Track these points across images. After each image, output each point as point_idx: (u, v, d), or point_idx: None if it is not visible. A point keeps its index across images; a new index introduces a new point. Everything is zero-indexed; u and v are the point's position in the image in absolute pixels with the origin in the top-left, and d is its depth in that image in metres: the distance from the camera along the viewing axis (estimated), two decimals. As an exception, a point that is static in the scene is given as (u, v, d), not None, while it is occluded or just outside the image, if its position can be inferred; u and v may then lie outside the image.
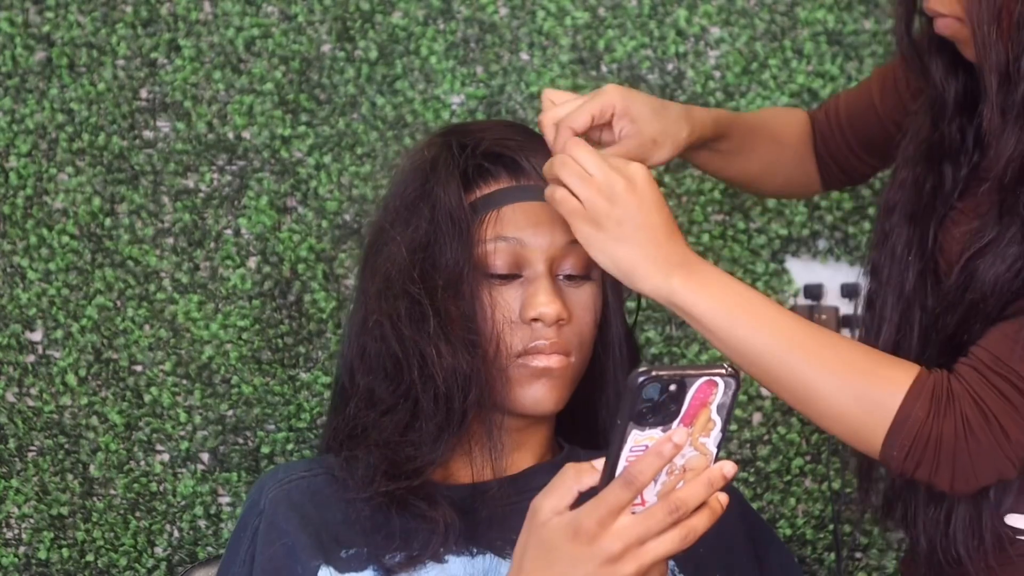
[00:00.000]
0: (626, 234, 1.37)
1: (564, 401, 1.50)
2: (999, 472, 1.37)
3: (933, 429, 1.33)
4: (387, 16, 2.05)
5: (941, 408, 1.34)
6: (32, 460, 1.97)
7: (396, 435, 1.47)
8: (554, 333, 1.46)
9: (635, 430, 1.19)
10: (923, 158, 1.51)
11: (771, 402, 2.03)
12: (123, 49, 2.02)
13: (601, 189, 1.37)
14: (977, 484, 1.38)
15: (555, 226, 1.48)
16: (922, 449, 1.34)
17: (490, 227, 1.47)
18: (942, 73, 1.49)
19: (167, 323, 1.99)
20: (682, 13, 2.06)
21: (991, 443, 1.34)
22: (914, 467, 1.35)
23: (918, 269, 1.50)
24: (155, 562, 1.97)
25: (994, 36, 1.34)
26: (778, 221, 2.05)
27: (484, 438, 1.49)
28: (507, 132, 1.54)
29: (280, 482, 1.52)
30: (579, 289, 1.50)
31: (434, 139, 1.55)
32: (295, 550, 1.45)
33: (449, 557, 1.44)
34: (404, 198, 1.51)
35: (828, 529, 2.01)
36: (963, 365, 1.37)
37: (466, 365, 1.44)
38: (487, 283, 1.47)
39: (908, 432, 1.34)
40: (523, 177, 1.50)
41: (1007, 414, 1.34)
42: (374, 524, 1.46)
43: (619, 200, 1.37)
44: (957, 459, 1.34)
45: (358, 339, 1.52)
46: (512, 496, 1.49)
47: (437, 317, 1.45)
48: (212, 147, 2.02)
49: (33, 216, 1.99)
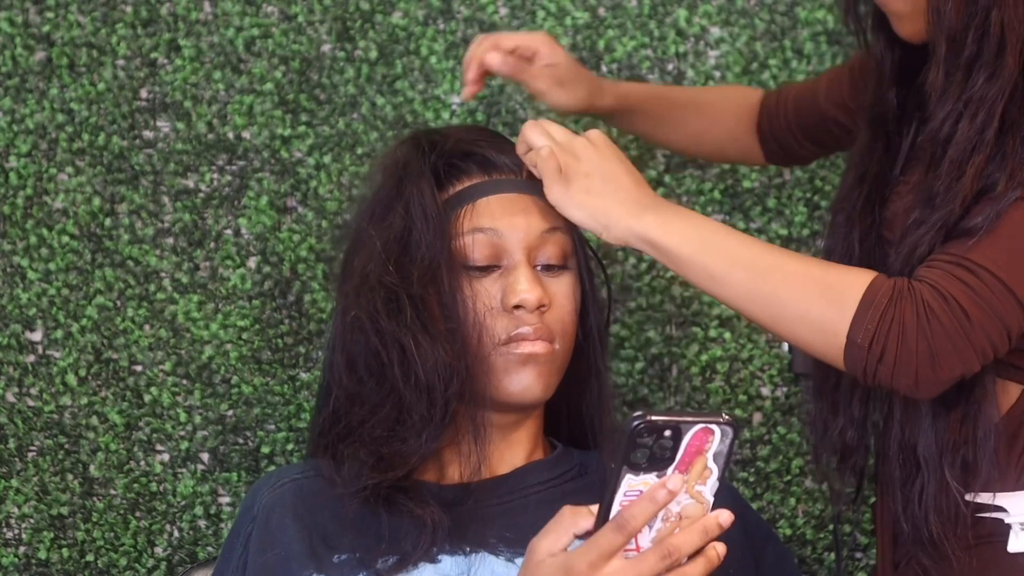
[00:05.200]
0: (595, 185, 1.47)
1: (552, 389, 1.51)
2: (963, 361, 1.39)
3: (896, 313, 1.37)
4: (387, 16, 2.05)
5: (903, 294, 1.38)
6: (32, 460, 1.97)
7: (383, 431, 1.48)
8: (537, 319, 1.49)
9: (629, 474, 1.19)
10: (868, 124, 1.61)
11: (771, 402, 2.03)
12: (123, 49, 2.02)
13: (565, 148, 1.49)
14: (941, 377, 1.39)
15: (530, 216, 1.51)
16: (886, 333, 1.37)
17: (466, 220, 1.50)
18: (882, 46, 1.58)
19: (167, 323, 1.99)
20: (682, 13, 2.06)
21: (953, 324, 1.37)
22: (879, 355, 1.37)
23: (865, 228, 1.58)
24: (155, 562, 1.98)
25: (949, 5, 1.42)
26: (778, 221, 2.05)
27: (472, 435, 1.49)
28: (474, 132, 1.60)
29: (273, 487, 1.53)
30: (558, 279, 1.52)
31: (404, 141, 1.59)
32: (287, 560, 1.45)
33: (443, 556, 1.45)
34: (378, 199, 1.54)
35: (828, 529, 2.01)
36: (920, 268, 1.42)
37: (446, 355, 1.46)
38: (466, 275, 1.50)
39: (872, 316, 1.37)
40: (495, 172, 1.54)
41: (966, 296, 1.37)
42: (363, 523, 1.47)
43: (582, 155, 1.49)
44: (920, 343, 1.37)
45: (340, 340, 1.53)
46: (504, 495, 1.50)
47: (414, 308, 1.47)
48: (212, 147, 2.02)
49: (33, 216, 1.99)
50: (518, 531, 1.46)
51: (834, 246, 1.61)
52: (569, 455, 1.56)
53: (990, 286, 1.38)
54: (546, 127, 1.52)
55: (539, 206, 1.52)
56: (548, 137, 1.51)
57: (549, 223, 1.51)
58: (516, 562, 1.45)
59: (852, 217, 1.59)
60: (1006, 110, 1.41)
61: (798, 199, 2.05)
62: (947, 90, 1.44)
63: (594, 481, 1.53)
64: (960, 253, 1.40)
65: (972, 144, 1.42)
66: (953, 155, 1.43)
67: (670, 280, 2.04)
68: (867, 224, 1.58)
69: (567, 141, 1.50)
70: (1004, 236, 1.39)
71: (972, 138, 1.42)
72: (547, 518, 1.47)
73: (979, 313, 1.38)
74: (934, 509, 1.48)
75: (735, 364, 2.03)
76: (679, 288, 2.04)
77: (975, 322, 1.37)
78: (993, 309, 1.38)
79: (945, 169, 1.43)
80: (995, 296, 1.38)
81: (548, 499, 1.50)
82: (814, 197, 2.05)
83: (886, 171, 1.58)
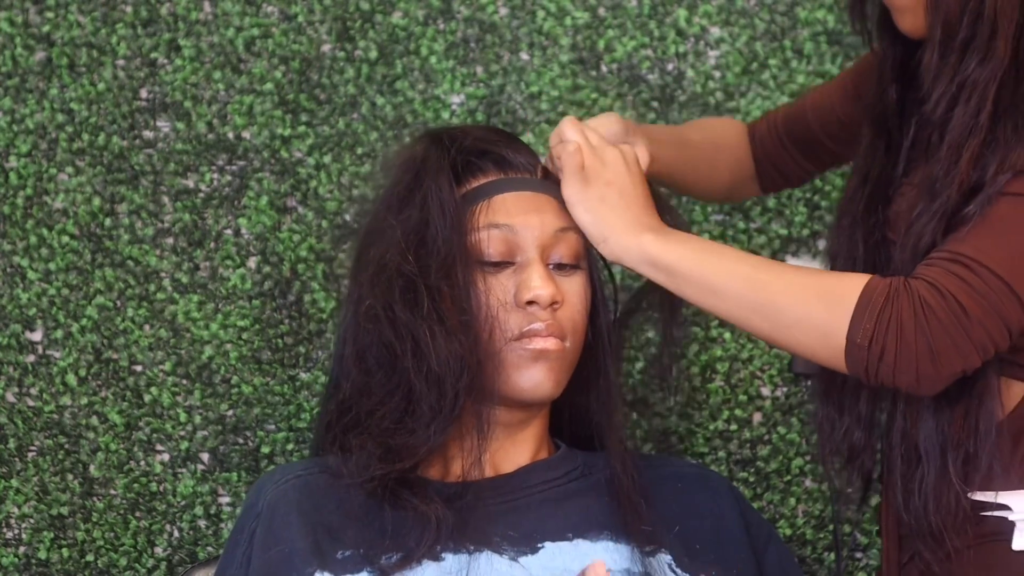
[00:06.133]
0: (611, 196, 1.50)
1: (561, 386, 1.51)
2: (962, 357, 1.40)
3: (893, 311, 1.39)
4: (387, 16, 2.05)
5: (900, 292, 1.40)
6: (32, 460, 1.97)
7: (391, 422, 1.48)
8: (549, 316, 1.50)
9: None
10: (870, 124, 1.63)
11: (771, 402, 2.03)
12: (123, 49, 2.02)
13: (596, 151, 1.52)
14: (942, 373, 1.41)
15: (545, 214, 1.53)
16: (884, 332, 1.38)
17: (482, 216, 1.51)
18: (886, 43, 1.61)
19: (167, 323, 1.99)
20: (682, 13, 2.06)
21: (950, 319, 1.38)
22: (879, 354, 1.39)
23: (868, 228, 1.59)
24: (155, 562, 1.97)
25: None
26: (778, 221, 2.06)
27: (476, 431, 1.50)
28: (490, 132, 1.62)
29: (277, 483, 1.53)
30: (570, 278, 1.54)
31: (422, 137, 1.60)
32: (291, 557, 1.46)
33: (446, 554, 1.45)
34: (396, 192, 1.55)
35: (828, 529, 2.01)
36: (918, 267, 1.44)
37: (460, 347, 1.46)
38: (480, 270, 1.51)
39: (870, 316, 1.39)
40: (511, 170, 1.55)
41: (963, 292, 1.39)
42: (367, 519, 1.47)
43: (610, 163, 1.51)
44: (919, 340, 1.38)
45: (351, 332, 1.54)
46: (509, 493, 1.50)
47: (431, 298, 1.48)
48: (212, 147, 2.02)
49: (33, 216, 1.99)
50: (522, 530, 1.47)
51: (838, 248, 1.62)
52: (573, 455, 1.56)
53: (987, 281, 1.39)
54: (584, 128, 1.54)
55: (553, 206, 1.53)
56: (582, 136, 1.53)
57: (563, 222, 1.53)
58: (520, 561, 1.45)
59: (856, 218, 1.60)
60: (999, 96, 1.44)
61: (798, 199, 2.06)
62: (941, 71, 1.47)
63: (598, 481, 1.54)
64: (955, 249, 1.41)
65: (968, 128, 1.44)
66: (950, 140, 1.45)
67: (670, 280, 2.04)
68: (870, 225, 1.59)
69: (600, 146, 1.53)
70: (997, 229, 1.41)
71: (968, 122, 1.44)
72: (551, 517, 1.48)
73: (976, 308, 1.39)
74: (934, 500, 1.49)
75: (735, 364, 2.03)
76: (679, 288, 2.03)
77: (973, 317, 1.39)
78: (991, 304, 1.39)
79: (944, 154, 1.46)
80: (992, 291, 1.39)
81: (552, 499, 1.51)
82: (814, 197, 2.06)
83: (888, 171, 1.60)
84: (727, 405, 2.03)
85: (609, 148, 1.52)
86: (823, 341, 1.42)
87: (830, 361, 1.43)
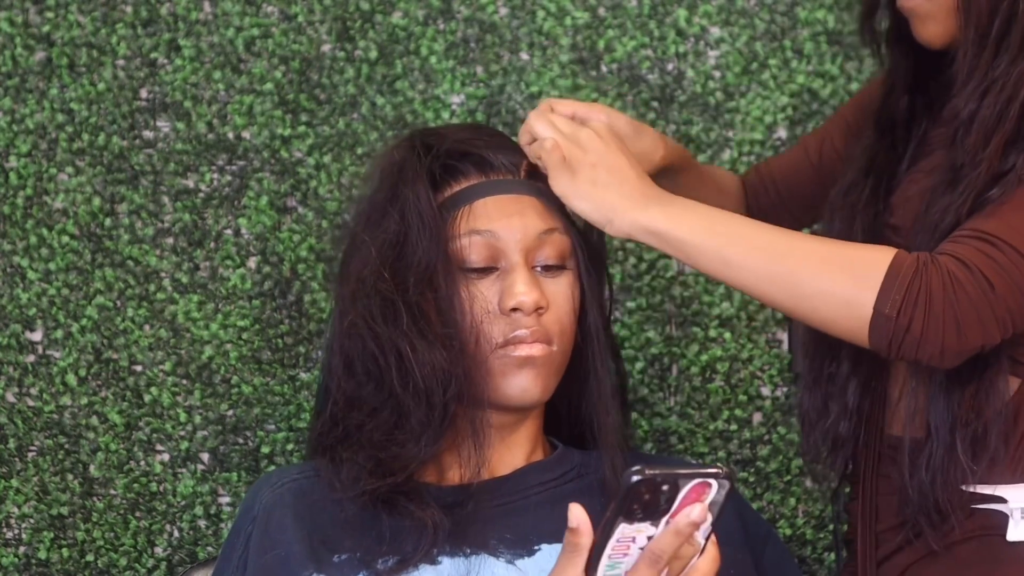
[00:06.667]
0: (600, 176, 1.47)
1: (550, 391, 1.50)
2: (984, 330, 1.40)
3: (922, 283, 1.39)
4: (387, 16, 2.05)
5: (928, 266, 1.40)
6: (32, 460, 1.97)
7: (382, 436, 1.47)
8: (534, 322, 1.48)
9: (623, 523, 1.21)
10: (875, 126, 1.64)
11: (771, 402, 2.03)
12: (123, 49, 2.02)
13: (570, 139, 1.49)
14: (965, 346, 1.41)
15: (528, 217, 1.51)
16: (913, 303, 1.38)
17: (463, 222, 1.50)
18: (898, 55, 1.62)
19: (167, 323, 1.99)
20: (682, 13, 2.06)
21: (977, 292, 1.39)
22: (906, 325, 1.39)
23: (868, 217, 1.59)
24: (155, 562, 1.98)
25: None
26: (778, 221, 2.06)
27: (471, 438, 1.49)
28: (472, 132, 1.59)
29: (274, 487, 1.53)
30: (556, 279, 1.52)
31: (400, 142, 1.58)
32: (287, 561, 1.45)
33: (443, 558, 1.44)
34: (373, 202, 1.54)
35: (828, 529, 2.01)
36: (942, 244, 1.44)
37: (443, 359, 1.45)
38: (464, 278, 1.49)
39: (899, 287, 1.39)
40: (492, 172, 1.53)
41: (989, 267, 1.40)
42: (364, 523, 1.47)
43: (588, 145, 1.48)
44: (946, 311, 1.38)
45: (338, 343, 1.53)
46: (504, 496, 1.50)
47: (410, 313, 1.46)
48: (212, 147, 2.02)
49: (33, 216, 1.99)
50: (518, 532, 1.46)
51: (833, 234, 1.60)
52: (569, 455, 1.56)
53: (1012, 258, 1.40)
54: (551, 117, 1.52)
55: (536, 207, 1.52)
56: (553, 128, 1.51)
57: (547, 224, 1.51)
58: (516, 564, 1.45)
59: (856, 206, 1.60)
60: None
61: (798, 199, 2.06)
62: (972, 73, 1.47)
63: (594, 482, 1.53)
64: (979, 227, 1.42)
65: (997, 116, 1.45)
66: (978, 127, 1.46)
67: (670, 280, 2.04)
68: (871, 213, 1.59)
69: (572, 132, 1.50)
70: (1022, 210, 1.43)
71: (998, 112, 1.45)
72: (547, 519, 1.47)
73: (1002, 284, 1.40)
74: (942, 475, 1.49)
75: (735, 364, 2.03)
76: (679, 288, 2.04)
77: (999, 292, 1.40)
78: (1015, 281, 1.40)
79: (971, 141, 1.46)
80: (1016, 269, 1.40)
81: (548, 500, 1.50)
82: (814, 197, 2.06)
83: (893, 165, 1.61)
84: (727, 405, 2.03)
85: (582, 130, 1.50)
86: (847, 311, 1.41)
87: (851, 333, 1.42)
